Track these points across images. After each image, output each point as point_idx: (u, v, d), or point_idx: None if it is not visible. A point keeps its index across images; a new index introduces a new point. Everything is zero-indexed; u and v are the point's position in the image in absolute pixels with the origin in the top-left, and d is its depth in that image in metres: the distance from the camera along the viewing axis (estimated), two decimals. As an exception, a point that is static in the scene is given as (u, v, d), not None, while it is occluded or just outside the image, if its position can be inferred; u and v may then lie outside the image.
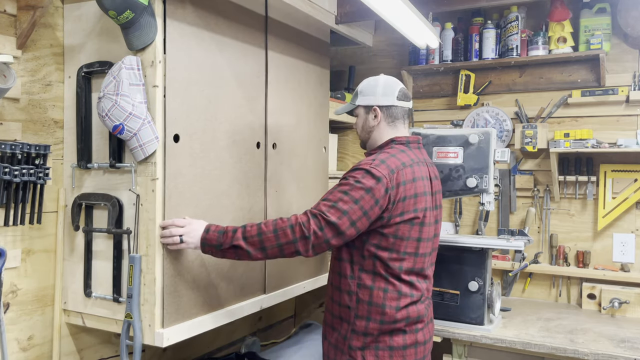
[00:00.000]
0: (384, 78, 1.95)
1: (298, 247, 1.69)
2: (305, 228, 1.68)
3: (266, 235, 1.70)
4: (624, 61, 2.75)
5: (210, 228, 1.76)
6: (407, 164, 1.80)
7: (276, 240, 1.69)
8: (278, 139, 2.37)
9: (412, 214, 1.78)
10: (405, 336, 1.79)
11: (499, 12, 2.99)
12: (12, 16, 1.84)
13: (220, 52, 2.02)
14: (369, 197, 1.70)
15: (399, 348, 1.78)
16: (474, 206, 3.06)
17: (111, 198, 1.91)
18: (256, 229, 1.72)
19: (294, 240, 1.69)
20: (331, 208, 1.69)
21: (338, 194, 1.72)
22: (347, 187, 1.72)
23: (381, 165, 1.74)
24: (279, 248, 1.70)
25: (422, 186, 1.82)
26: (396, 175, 1.74)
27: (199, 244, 1.75)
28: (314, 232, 1.68)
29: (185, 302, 1.90)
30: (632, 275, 2.66)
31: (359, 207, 1.69)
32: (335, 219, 1.68)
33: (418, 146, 1.93)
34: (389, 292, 1.78)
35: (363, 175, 1.72)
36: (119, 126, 1.76)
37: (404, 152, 1.84)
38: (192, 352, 2.61)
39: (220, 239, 1.73)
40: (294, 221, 1.70)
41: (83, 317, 1.99)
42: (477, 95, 3.02)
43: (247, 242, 1.71)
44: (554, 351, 2.17)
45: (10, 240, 1.86)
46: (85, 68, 1.95)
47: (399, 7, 2.13)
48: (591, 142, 2.64)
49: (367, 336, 1.78)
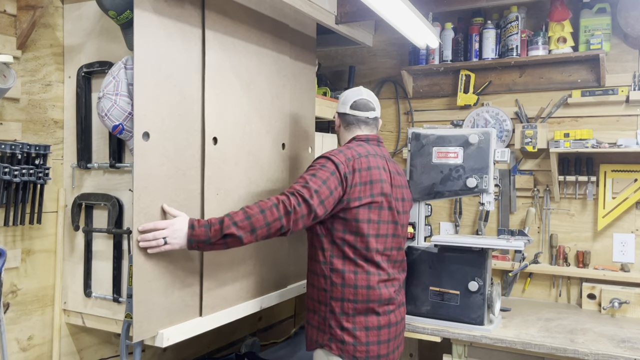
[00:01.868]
0: (350, 90, 2.20)
1: (283, 222, 1.83)
2: (288, 204, 1.83)
3: (255, 217, 1.80)
4: (624, 61, 2.75)
5: (194, 224, 1.77)
6: (362, 154, 2.02)
7: (264, 219, 1.80)
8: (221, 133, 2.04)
9: (370, 199, 1.98)
10: (380, 318, 1.99)
11: (499, 12, 2.99)
12: (12, 16, 1.84)
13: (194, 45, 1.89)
14: (334, 178, 1.92)
15: (374, 328, 1.98)
16: (474, 206, 3.06)
17: (111, 198, 1.91)
18: (242, 213, 1.80)
19: (279, 217, 1.82)
20: (304, 187, 1.87)
21: (307, 176, 1.91)
22: (314, 171, 1.93)
23: (339, 154, 1.98)
24: (267, 227, 1.81)
25: (377, 174, 2.02)
26: (352, 162, 1.97)
27: (185, 242, 1.75)
28: (294, 208, 1.84)
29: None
30: (632, 275, 2.66)
31: (326, 187, 1.89)
32: (308, 196, 1.85)
33: (377, 143, 2.15)
34: (359, 273, 1.97)
35: (325, 161, 1.96)
36: (118, 126, 1.77)
37: (361, 146, 2.07)
38: (192, 352, 2.61)
39: (208, 233, 1.75)
40: (276, 200, 1.84)
41: (83, 317, 1.99)
42: (477, 95, 3.02)
43: (237, 228, 1.77)
44: (554, 351, 2.17)
45: (10, 240, 1.86)
46: (85, 68, 1.95)
47: (399, 7, 2.13)
48: (591, 142, 2.63)
49: (343, 315, 1.96)
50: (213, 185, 2.00)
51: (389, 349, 2.01)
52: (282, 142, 2.43)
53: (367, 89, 2.21)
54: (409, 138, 2.52)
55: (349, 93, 2.19)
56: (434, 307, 2.40)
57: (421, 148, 2.47)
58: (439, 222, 3.14)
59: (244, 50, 2.16)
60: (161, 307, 1.79)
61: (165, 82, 1.80)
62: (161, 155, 1.78)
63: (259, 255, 2.28)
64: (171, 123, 1.82)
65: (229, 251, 2.09)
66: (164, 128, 1.79)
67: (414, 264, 2.43)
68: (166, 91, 1.80)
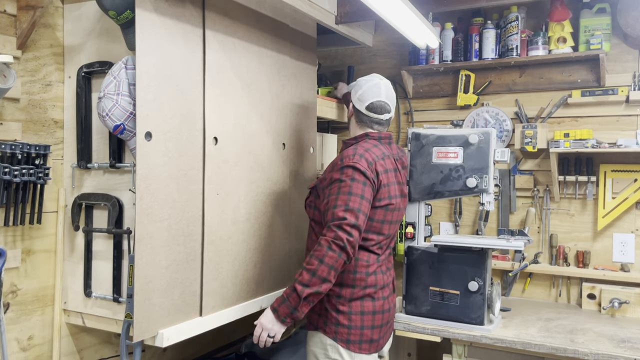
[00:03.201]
0: (370, 85, 2.12)
1: (344, 258, 1.87)
2: (339, 240, 1.86)
3: (319, 270, 1.85)
4: (624, 61, 2.75)
5: (275, 307, 1.92)
6: (379, 157, 2.05)
7: (327, 266, 1.85)
8: (221, 133, 2.05)
9: (387, 201, 2.04)
10: (375, 303, 2.04)
11: (499, 12, 2.99)
12: (12, 16, 1.84)
13: (195, 45, 1.88)
14: (367, 188, 1.95)
15: (369, 313, 2.02)
16: (474, 206, 3.06)
17: (111, 198, 1.91)
18: (306, 273, 1.87)
19: (339, 256, 1.86)
20: (347, 212, 1.89)
21: (344, 197, 1.91)
22: (347, 188, 1.92)
23: (361, 160, 1.97)
24: (334, 270, 1.86)
25: (392, 177, 2.09)
26: (374, 166, 2.00)
27: (281, 325, 1.93)
28: (347, 240, 1.86)
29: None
30: (632, 275, 2.66)
31: (365, 200, 1.93)
32: (355, 220, 1.88)
33: (389, 142, 2.16)
34: (359, 260, 2.02)
35: (353, 172, 1.94)
36: (119, 126, 1.76)
37: (376, 147, 2.08)
38: (192, 352, 2.61)
39: (290, 305, 1.88)
40: (326, 243, 1.86)
41: (83, 317, 1.99)
42: (477, 95, 3.02)
43: (311, 287, 1.85)
44: (554, 351, 2.17)
45: (10, 240, 1.86)
46: (85, 68, 1.95)
47: (399, 7, 2.13)
48: (591, 142, 2.63)
49: (340, 298, 2.00)
50: (213, 185, 2.00)
51: (380, 334, 2.07)
52: (283, 142, 2.44)
53: (385, 79, 2.15)
54: (409, 138, 2.52)
55: (367, 89, 2.12)
56: (434, 307, 2.40)
57: (421, 148, 2.47)
58: (439, 222, 3.14)
59: (244, 50, 2.16)
60: (161, 307, 1.79)
61: (168, 82, 1.80)
62: (163, 155, 1.78)
63: (259, 255, 2.28)
64: (173, 123, 1.82)
65: (229, 251, 2.09)
66: (166, 128, 1.79)
67: (414, 264, 2.43)
68: (168, 91, 1.80)
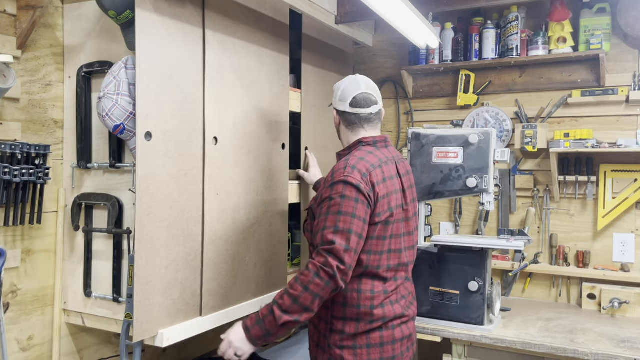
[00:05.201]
0: (347, 82, 1.95)
1: (332, 286, 1.70)
2: (329, 268, 1.68)
3: (302, 297, 1.69)
4: (624, 61, 2.75)
5: (247, 325, 1.76)
6: (375, 165, 1.83)
7: (312, 295, 1.69)
8: (221, 133, 2.05)
9: (387, 213, 1.81)
10: (383, 333, 1.82)
11: (499, 12, 2.99)
12: (12, 16, 1.84)
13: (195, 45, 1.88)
14: (360, 205, 1.74)
15: (376, 345, 1.81)
16: (474, 206, 3.06)
17: (111, 198, 1.91)
18: (287, 297, 1.71)
19: (326, 284, 1.69)
20: (336, 235, 1.71)
21: (333, 217, 1.74)
22: (337, 207, 1.74)
23: (354, 172, 1.77)
24: (318, 299, 1.70)
25: (392, 185, 1.85)
26: (369, 177, 1.78)
27: (251, 346, 1.76)
28: (337, 267, 1.69)
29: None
30: (632, 275, 2.66)
31: (357, 219, 1.73)
32: (346, 243, 1.70)
33: (385, 145, 1.95)
34: (362, 292, 1.80)
35: (343, 187, 1.75)
36: (119, 126, 1.76)
37: (371, 154, 1.86)
38: (192, 352, 2.61)
39: (264, 327, 1.73)
40: (314, 269, 1.70)
41: (83, 317, 1.99)
42: (477, 95, 3.02)
43: (290, 314, 1.70)
44: (554, 351, 2.17)
45: (10, 240, 1.86)
46: (85, 68, 1.95)
47: (399, 7, 2.13)
48: (591, 142, 2.63)
49: (344, 334, 1.81)
50: (213, 185, 2.00)
51: None
52: (283, 143, 2.43)
53: (363, 75, 2.00)
54: (409, 138, 2.52)
55: (345, 87, 1.94)
56: (434, 307, 2.40)
57: (421, 148, 2.47)
58: (439, 222, 3.14)
59: (244, 50, 2.16)
60: (161, 307, 1.79)
61: (168, 82, 1.80)
62: (163, 156, 1.78)
63: (259, 255, 2.28)
64: (173, 123, 1.82)
65: (229, 251, 2.09)
66: (166, 128, 1.79)
67: (414, 264, 2.43)
68: (168, 91, 1.80)
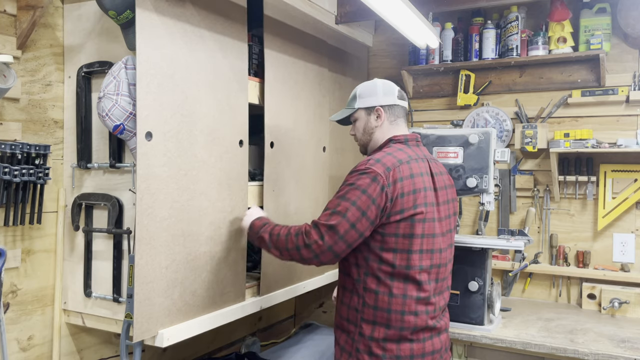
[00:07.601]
0: (381, 80, 1.98)
1: (302, 254, 1.77)
2: (307, 237, 1.75)
3: (279, 238, 1.83)
4: (624, 61, 2.75)
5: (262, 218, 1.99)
6: (403, 160, 1.79)
7: (285, 244, 1.81)
8: (276, 138, 2.34)
9: (412, 211, 1.75)
10: (413, 345, 1.76)
11: (499, 12, 2.99)
12: (12, 16, 1.84)
13: (195, 45, 1.90)
14: (366, 197, 1.71)
15: (405, 357, 1.75)
16: (474, 206, 3.06)
17: (111, 198, 1.91)
18: (277, 229, 1.86)
19: (297, 247, 1.77)
20: (331, 215, 1.74)
21: (336, 201, 1.77)
22: (343, 192, 1.76)
23: (376, 164, 1.75)
24: (287, 251, 1.81)
25: (421, 182, 1.80)
26: (392, 172, 1.74)
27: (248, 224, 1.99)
28: (315, 242, 1.73)
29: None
30: (632, 275, 2.66)
31: (356, 208, 1.70)
32: (335, 223, 1.71)
33: (417, 143, 1.93)
34: (393, 297, 1.75)
35: (358, 177, 1.75)
36: (119, 126, 1.76)
37: (401, 150, 1.84)
38: (192, 352, 2.61)
39: (259, 228, 1.92)
40: (300, 229, 1.79)
41: (83, 317, 1.99)
42: (477, 95, 3.02)
43: (269, 237, 1.87)
44: (554, 351, 2.17)
45: (10, 240, 1.85)
46: (85, 68, 1.95)
47: (399, 7, 2.13)
48: (591, 142, 2.64)
49: (373, 341, 1.76)
50: (270, 183, 2.32)
51: None
52: (323, 146, 2.76)
53: None
54: (409, 138, 2.52)
55: (382, 83, 1.95)
56: (434, 307, 2.39)
57: (421, 148, 2.47)
58: (439, 222, 3.14)
59: (293, 65, 2.48)
60: (161, 307, 1.79)
61: (168, 82, 1.80)
62: (163, 156, 1.78)
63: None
64: (173, 123, 1.82)
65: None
66: (166, 128, 1.79)
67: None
68: (168, 91, 1.80)
